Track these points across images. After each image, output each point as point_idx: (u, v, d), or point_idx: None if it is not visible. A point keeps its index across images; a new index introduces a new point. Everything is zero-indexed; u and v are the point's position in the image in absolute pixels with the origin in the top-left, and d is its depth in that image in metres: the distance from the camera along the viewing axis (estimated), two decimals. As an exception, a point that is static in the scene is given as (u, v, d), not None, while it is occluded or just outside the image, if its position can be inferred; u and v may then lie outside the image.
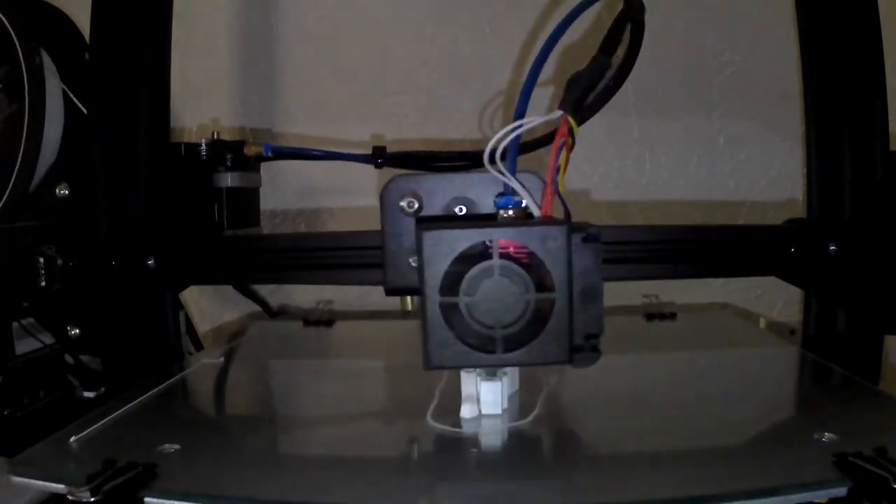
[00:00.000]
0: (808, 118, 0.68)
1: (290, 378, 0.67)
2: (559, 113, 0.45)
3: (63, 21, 0.76)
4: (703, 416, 0.52)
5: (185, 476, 0.41)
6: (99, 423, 0.48)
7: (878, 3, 0.65)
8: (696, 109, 0.93)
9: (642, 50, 0.55)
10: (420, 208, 0.50)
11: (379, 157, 0.74)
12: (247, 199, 0.83)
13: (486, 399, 0.49)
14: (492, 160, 0.45)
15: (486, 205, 0.50)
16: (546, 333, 0.43)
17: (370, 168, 0.76)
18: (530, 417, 0.49)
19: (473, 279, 0.43)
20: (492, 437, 0.47)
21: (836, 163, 0.66)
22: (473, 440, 0.47)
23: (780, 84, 0.90)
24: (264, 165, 0.87)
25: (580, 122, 0.59)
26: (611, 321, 0.84)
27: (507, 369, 0.50)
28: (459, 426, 0.48)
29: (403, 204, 0.49)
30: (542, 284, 0.43)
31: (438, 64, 0.94)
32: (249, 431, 0.52)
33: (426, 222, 0.46)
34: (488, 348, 0.43)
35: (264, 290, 0.96)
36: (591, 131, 0.93)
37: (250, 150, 0.78)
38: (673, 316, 0.78)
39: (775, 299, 0.94)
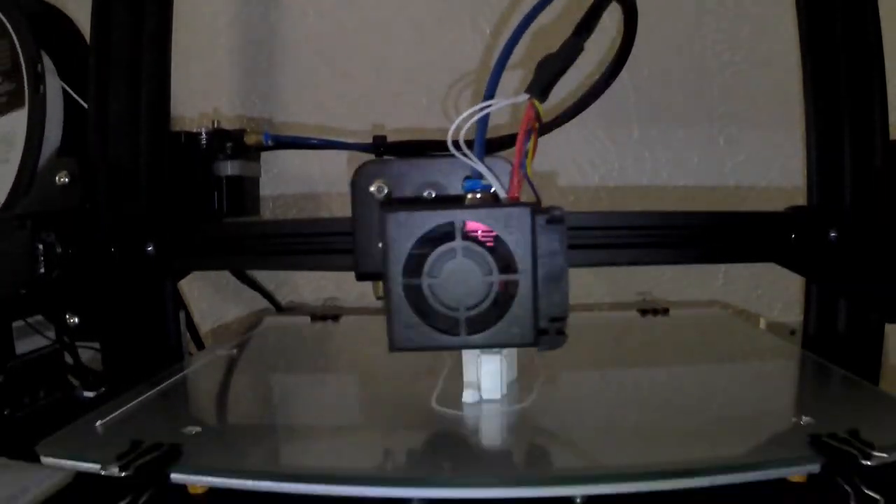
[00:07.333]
0: (807, 105, 0.67)
1: (301, 368, 0.68)
2: (525, 96, 0.45)
3: (62, 19, 0.78)
4: (691, 403, 0.54)
5: (208, 454, 0.43)
6: (122, 409, 0.50)
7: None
8: (696, 109, 0.92)
9: (642, 51, 0.54)
10: (390, 193, 0.50)
11: (380, 146, 0.74)
12: (247, 188, 0.83)
13: (486, 385, 0.50)
14: (456, 143, 0.45)
15: (456, 189, 0.49)
16: (510, 316, 0.43)
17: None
18: (527, 401, 0.51)
19: (436, 261, 0.43)
20: (492, 418, 0.49)
21: (837, 149, 0.65)
22: (475, 421, 0.49)
23: (780, 84, 0.89)
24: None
25: (579, 111, 0.59)
26: (604, 316, 0.87)
27: (506, 358, 0.51)
28: (462, 409, 0.49)
29: (373, 189, 0.50)
30: (507, 267, 0.43)
31: (438, 64, 0.94)
32: (265, 414, 0.54)
33: (391, 205, 0.46)
34: (453, 330, 0.43)
35: (269, 285, 0.97)
36: (591, 132, 0.93)
37: (250, 139, 0.79)
38: (665, 311, 0.78)
39: (775, 300, 0.93)
